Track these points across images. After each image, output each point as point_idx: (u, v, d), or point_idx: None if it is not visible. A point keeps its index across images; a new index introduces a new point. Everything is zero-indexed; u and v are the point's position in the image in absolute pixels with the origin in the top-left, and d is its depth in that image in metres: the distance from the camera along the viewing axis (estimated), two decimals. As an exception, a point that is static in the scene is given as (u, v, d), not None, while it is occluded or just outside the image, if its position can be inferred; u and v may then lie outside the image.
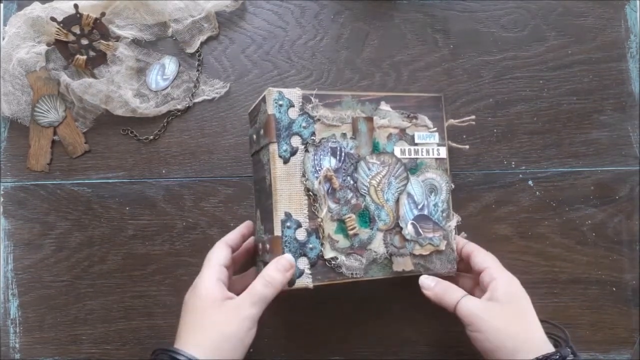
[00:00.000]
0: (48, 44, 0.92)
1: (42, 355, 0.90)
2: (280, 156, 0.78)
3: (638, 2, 1.03)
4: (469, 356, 0.90)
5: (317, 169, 0.79)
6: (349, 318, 0.94)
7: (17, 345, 0.90)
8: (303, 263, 0.78)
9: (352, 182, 0.81)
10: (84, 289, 0.91)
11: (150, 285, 0.92)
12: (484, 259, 0.85)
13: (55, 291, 0.91)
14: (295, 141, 0.79)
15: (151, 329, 0.91)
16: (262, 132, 0.82)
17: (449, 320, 0.94)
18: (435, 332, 0.95)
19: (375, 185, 0.83)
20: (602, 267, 0.98)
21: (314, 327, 0.93)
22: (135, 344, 0.92)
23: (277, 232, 0.77)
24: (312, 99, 0.81)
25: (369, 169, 0.82)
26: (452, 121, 0.92)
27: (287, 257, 0.77)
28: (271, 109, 0.78)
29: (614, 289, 0.98)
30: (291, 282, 0.77)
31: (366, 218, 0.82)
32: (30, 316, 0.91)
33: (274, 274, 0.75)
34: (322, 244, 0.79)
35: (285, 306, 0.92)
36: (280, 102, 0.79)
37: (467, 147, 0.94)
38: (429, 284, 0.84)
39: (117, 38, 0.93)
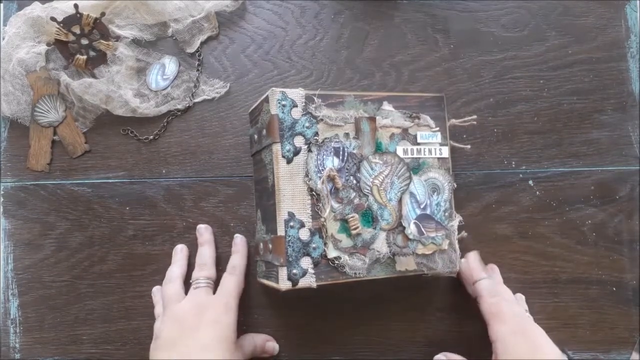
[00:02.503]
0: (48, 44, 0.91)
1: (42, 355, 0.90)
2: (283, 156, 0.78)
3: (638, 2, 1.04)
4: (469, 356, 0.91)
5: (320, 168, 0.80)
6: (349, 318, 0.94)
7: (17, 345, 0.90)
8: (306, 263, 0.78)
9: (354, 181, 0.81)
10: (84, 289, 0.91)
11: (151, 285, 0.92)
12: (483, 309, 0.87)
13: (56, 291, 0.91)
14: (299, 141, 0.79)
15: (151, 329, 0.90)
16: (264, 132, 0.82)
17: (449, 321, 0.94)
18: (436, 332, 0.95)
19: (378, 184, 0.83)
20: (602, 267, 0.99)
21: (315, 327, 0.93)
22: (135, 344, 0.91)
23: (281, 231, 0.77)
24: (315, 99, 0.81)
25: (372, 169, 0.82)
26: (454, 121, 0.92)
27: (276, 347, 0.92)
28: (274, 109, 0.78)
29: (615, 288, 0.99)
30: (294, 282, 0.77)
31: (369, 218, 0.82)
32: (31, 316, 0.90)
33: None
34: (325, 244, 0.79)
35: (285, 306, 0.92)
36: (284, 103, 0.79)
37: (469, 146, 0.94)
38: None
39: (117, 38, 0.93)
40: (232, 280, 0.85)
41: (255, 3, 0.98)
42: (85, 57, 0.92)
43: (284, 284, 0.77)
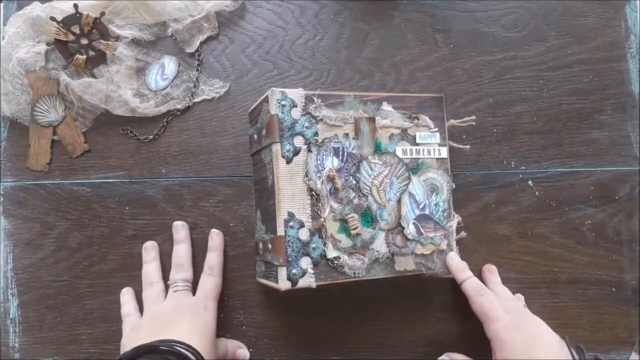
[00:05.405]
0: (48, 44, 0.91)
1: (42, 355, 0.90)
2: (283, 156, 0.78)
3: (638, 2, 1.04)
4: (469, 356, 0.91)
5: (320, 169, 0.80)
6: (349, 318, 0.94)
7: (16, 345, 0.90)
8: (306, 263, 0.78)
9: (354, 182, 0.81)
10: (83, 288, 0.91)
11: (151, 285, 0.92)
12: (474, 309, 0.87)
13: (55, 291, 0.91)
14: (298, 141, 0.79)
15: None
16: (264, 132, 0.82)
17: (448, 321, 0.94)
18: (435, 332, 0.95)
19: (378, 185, 0.83)
20: (602, 267, 0.99)
21: (314, 327, 0.93)
22: (135, 344, 0.91)
23: (280, 231, 0.78)
24: (315, 99, 0.81)
25: (371, 169, 0.83)
26: (452, 121, 0.92)
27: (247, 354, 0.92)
28: (274, 109, 0.79)
29: (614, 289, 0.99)
30: (294, 282, 0.77)
31: (368, 218, 0.82)
32: (30, 316, 0.90)
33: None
34: (324, 244, 0.79)
35: (285, 306, 0.92)
36: (283, 103, 0.79)
37: (468, 147, 0.94)
38: None
39: (117, 38, 0.93)
40: (210, 282, 0.88)
41: (255, 3, 0.98)
42: (84, 56, 0.91)
43: (284, 284, 0.77)
